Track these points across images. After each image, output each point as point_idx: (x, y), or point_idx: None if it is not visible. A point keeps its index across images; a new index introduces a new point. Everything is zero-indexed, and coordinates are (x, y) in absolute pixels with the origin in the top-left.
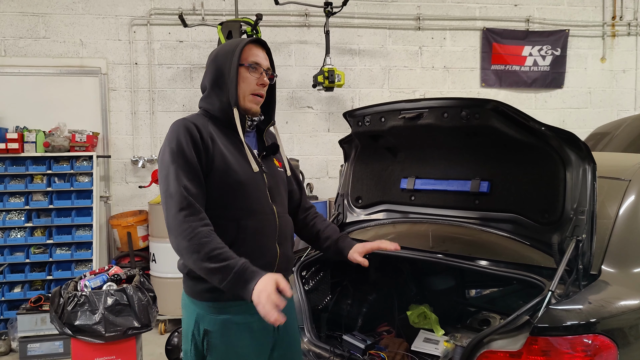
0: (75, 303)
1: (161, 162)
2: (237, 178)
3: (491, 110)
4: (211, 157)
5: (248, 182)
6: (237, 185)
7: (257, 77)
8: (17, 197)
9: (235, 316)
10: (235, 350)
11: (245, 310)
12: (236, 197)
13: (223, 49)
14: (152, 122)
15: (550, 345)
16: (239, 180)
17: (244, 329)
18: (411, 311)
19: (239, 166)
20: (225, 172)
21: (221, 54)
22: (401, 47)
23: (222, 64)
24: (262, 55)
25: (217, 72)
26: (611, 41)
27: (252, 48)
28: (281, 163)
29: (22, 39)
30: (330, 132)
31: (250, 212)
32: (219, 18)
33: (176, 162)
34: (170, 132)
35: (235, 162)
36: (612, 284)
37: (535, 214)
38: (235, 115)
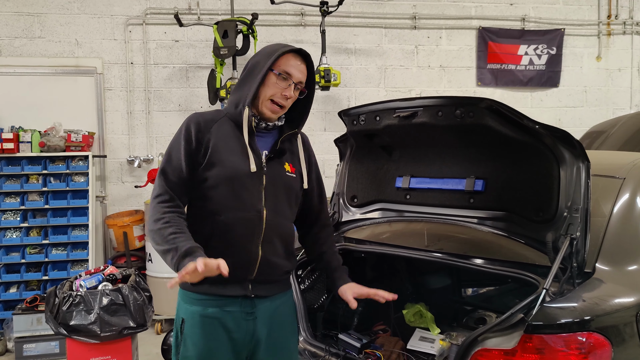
0: (70, 303)
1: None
2: (225, 174)
3: (485, 109)
4: (205, 151)
5: (237, 179)
6: (223, 181)
7: (283, 87)
8: (13, 197)
9: (208, 309)
10: (208, 343)
11: (215, 305)
12: (220, 192)
13: (265, 50)
14: (148, 122)
15: (545, 343)
16: (226, 175)
17: (217, 324)
18: (407, 310)
19: (232, 163)
20: (215, 166)
21: (261, 55)
22: (397, 46)
23: (256, 64)
24: (300, 67)
25: (249, 70)
26: (607, 40)
27: (291, 58)
28: (294, 169)
29: (18, 38)
30: (327, 132)
31: (230, 208)
32: (215, 17)
33: (167, 154)
34: (181, 125)
35: (231, 158)
36: (607, 281)
37: (529, 212)
38: (244, 115)
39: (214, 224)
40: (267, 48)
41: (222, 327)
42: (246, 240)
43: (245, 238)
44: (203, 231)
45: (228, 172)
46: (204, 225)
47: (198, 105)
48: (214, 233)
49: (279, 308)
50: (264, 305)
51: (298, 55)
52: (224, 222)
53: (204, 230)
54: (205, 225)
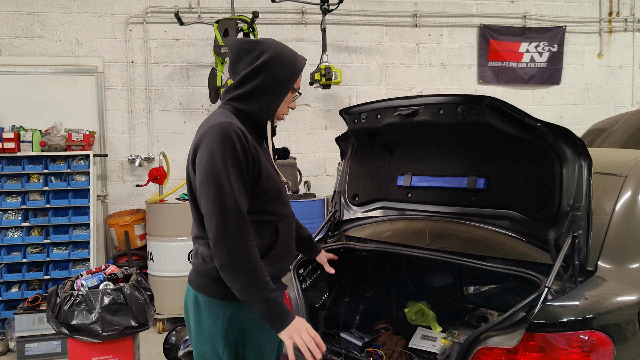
0: (71, 302)
1: (214, 168)
2: (277, 185)
3: (487, 107)
4: (257, 165)
5: (280, 189)
6: (277, 192)
7: (292, 100)
8: (14, 197)
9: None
10: (263, 344)
11: None
12: (275, 203)
13: (284, 59)
14: (149, 121)
15: (547, 342)
16: (278, 187)
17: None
18: (409, 308)
19: (274, 173)
20: (268, 180)
21: (282, 64)
22: (398, 44)
23: (279, 76)
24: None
25: (272, 81)
26: (608, 37)
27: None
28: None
29: (18, 38)
30: (328, 130)
31: (284, 216)
32: (215, 16)
33: (230, 173)
34: (218, 137)
35: (270, 170)
36: (609, 279)
37: (531, 210)
38: (268, 129)
39: (277, 233)
40: (283, 55)
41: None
42: (292, 242)
43: (292, 240)
44: (265, 242)
45: (275, 184)
46: (267, 234)
47: (199, 103)
48: (277, 241)
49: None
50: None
51: None
52: (283, 230)
53: (268, 239)
54: (269, 235)
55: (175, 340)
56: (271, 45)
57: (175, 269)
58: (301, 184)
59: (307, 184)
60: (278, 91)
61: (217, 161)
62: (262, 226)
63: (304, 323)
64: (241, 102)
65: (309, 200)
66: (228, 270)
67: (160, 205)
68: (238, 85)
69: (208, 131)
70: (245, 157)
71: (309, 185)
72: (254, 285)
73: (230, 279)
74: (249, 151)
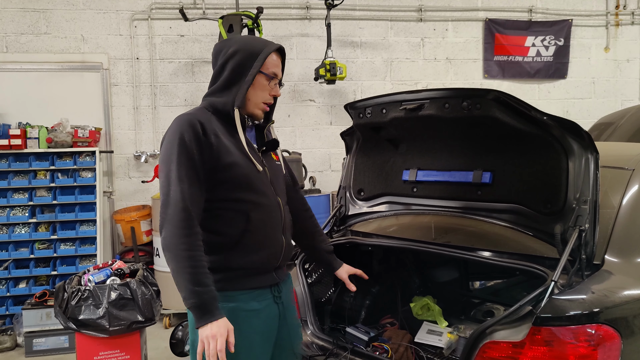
0: (79, 298)
1: (164, 157)
2: (244, 172)
3: (493, 101)
4: (216, 154)
5: (251, 176)
6: (245, 179)
7: (271, 88)
8: (21, 193)
9: (244, 304)
10: (244, 336)
11: (253, 298)
12: (244, 191)
13: (247, 48)
14: (155, 117)
15: (553, 336)
16: (245, 174)
17: (252, 316)
18: (414, 303)
19: (243, 161)
20: (231, 167)
21: (244, 53)
22: (403, 39)
23: (242, 64)
24: (279, 64)
25: (235, 70)
26: (615, 30)
27: (274, 57)
28: (278, 157)
29: (24, 35)
30: (333, 125)
31: (257, 204)
32: (220, 12)
33: (178, 160)
34: (174, 127)
35: (240, 157)
36: (616, 273)
37: (537, 204)
38: (235, 117)
39: (247, 221)
40: (243, 46)
41: (257, 318)
42: (276, 231)
43: (275, 229)
44: (232, 231)
45: (245, 171)
46: (235, 224)
47: None
48: (248, 229)
49: (289, 288)
50: (285, 288)
51: (278, 52)
52: (256, 218)
53: (236, 229)
54: (236, 224)
55: (182, 335)
56: (237, 39)
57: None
58: (306, 179)
59: (312, 180)
60: (242, 78)
61: (168, 151)
62: (230, 214)
63: (223, 329)
64: (213, 96)
65: (314, 195)
66: (164, 253)
67: None
68: (212, 82)
69: (170, 124)
70: (198, 146)
71: (314, 181)
72: (179, 273)
73: (167, 261)
74: (205, 140)
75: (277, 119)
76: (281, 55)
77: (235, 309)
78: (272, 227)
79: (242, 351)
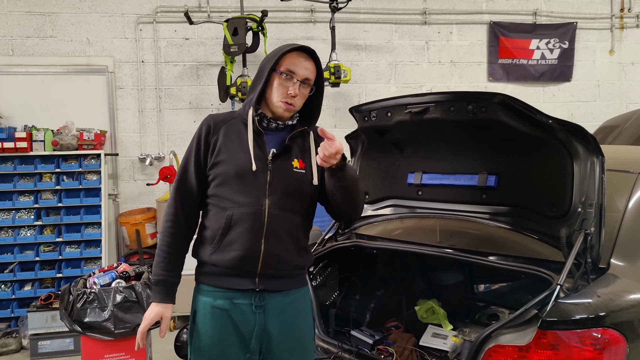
0: (84, 300)
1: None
2: (231, 172)
3: (498, 104)
4: (214, 152)
5: (242, 176)
6: (230, 179)
7: (289, 86)
8: (27, 196)
9: (218, 300)
10: (218, 334)
11: (228, 297)
12: (227, 189)
13: (273, 51)
14: (159, 120)
15: (559, 339)
16: (231, 173)
17: (221, 315)
18: (419, 306)
19: (237, 161)
20: (219, 164)
21: (269, 56)
22: (407, 42)
23: (262, 66)
24: (305, 65)
25: (257, 74)
26: (620, 33)
27: (295, 56)
28: (304, 164)
29: (30, 38)
30: (337, 128)
31: (239, 204)
32: (225, 15)
33: (186, 156)
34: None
35: (237, 156)
36: (621, 277)
37: (543, 208)
38: (249, 115)
39: (223, 220)
40: (275, 49)
41: (231, 318)
42: (251, 235)
43: (249, 233)
44: (214, 226)
45: (233, 169)
46: (215, 220)
47: (209, 102)
48: (223, 227)
49: (292, 304)
50: (275, 300)
51: (303, 52)
52: (231, 217)
53: (215, 225)
54: (216, 221)
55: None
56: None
57: (186, 267)
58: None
59: None
60: (259, 78)
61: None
62: (215, 210)
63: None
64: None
65: None
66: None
67: None
68: None
69: None
70: (205, 142)
71: None
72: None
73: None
74: (209, 136)
75: None
76: (311, 57)
77: (205, 303)
78: (249, 230)
79: (204, 345)
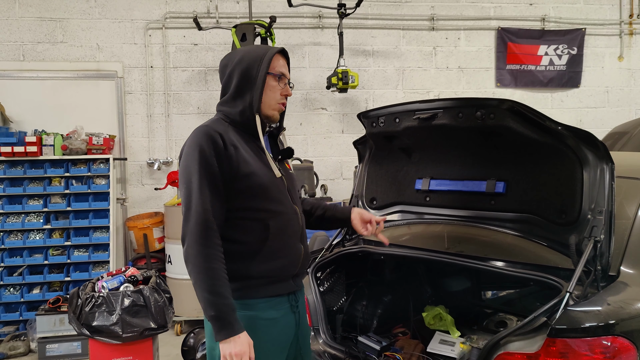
0: (93, 304)
1: (184, 170)
2: (261, 182)
3: (507, 110)
4: (235, 165)
5: (271, 185)
6: (262, 189)
7: (282, 88)
8: (36, 200)
9: (263, 312)
10: (261, 344)
11: (272, 306)
12: (262, 200)
13: (250, 55)
14: (168, 125)
15: (569, 347)
16: (262, 184)
17: (270, 325)
18: (427, 312)
19: (261, 171)
20: (249, 177)
21: (249, 59)
22: (415, 47)
23: (249, 70)
24: (286, 66)
25: (243, 77)
26: (629, 39)
27: (279, 58)
28: (290, 165)
29: (40, 43)
30: (345, 134)
31: (275, 213)
32: (233, 21)
33: (199, 173)
34: (193, 140)
35: (258, 167)
36: (632, 285)
37: (552, 215)
38: (257, 122)
39: (265, 230)
40: (247, 54)
41: (274, 326)
42: (292, 240)
43: (293, 237)
44: (252, 239)
45: (260, 180)
46: (251, 232)
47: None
48: (265, 237)
49: (303, 296)
50: (301, 296)
51: (282, 54)
52: (274, 227)
53: (253, 237)
54: (253, 233)
55: (194, 342)
56: (240, 50)
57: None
58: (318, 187)
59: (323, 188)
60: (253, 82)
61: (188, 162)
62: (249, 223)
63: (241, 347)
64: (227, 106)
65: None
66: (186, 265)
67: (178, 208)
68: (222, 93)
69: (189, 137)
70: (218, 156)
71: (326, 189)
72: (199, 284)
73: (189, 272)
74: (225, 151)
75: (288, 127)
76: (285, 57)
77: (254, 318)
78: (290, 235)
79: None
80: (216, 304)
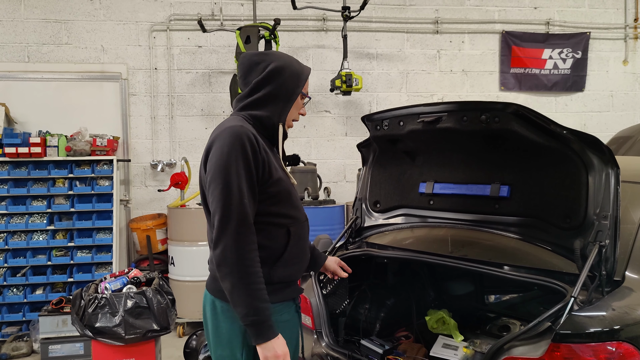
0: (95, 305)
1: (223, 170)
2: (287, 188)
3: (512, 114)
4: (267, 170)
5: (292, 192)
6: (287, 195)
7: (302, 106)
8: (40, 201)
9: (280, 315)
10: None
11: (285, 309)
12: (285, 206)
13: (291, 68)
14: (171, 127)
15: (573, 353)
16: (288, 189)
17: (285, 327)
18: (430, 316)
19: (284, 177)
20: (278, 182)
21: (290, 72)
22: (419, 50)
23: (288, 82)
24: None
25: (281, 87)
26: (633, 43)
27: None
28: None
29: (45, 45)
30: (348, 136)
31: (295, 219)
32: (238, 23)
33: (238, 172)
34: (231, 139)
35: (280, 173)
36: (637, 290)
37: (556, 219)
38: (280, 131)
39: (288, 236)
40: (288, 65)
41: (290, 327)
42: (305, 245)
43: (306, 243)
44: (273, 244)
45: (284, 186)
46: (273, 238)
47: (220, 110)
48: (287, 243)
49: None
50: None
51: None
52: (295, 232)
53: (274, 243)
54: (274, 238)
55: (196, 344)
56: (278, 56)
57: (195, 274)
58: (321, 190)
59: (327, 190)
60: (288, 96)
61: (227, 162)
62: (273, 228)
63: (283, 348)
64: (253, 109)
65: (328, 206)
66: (219, 268)
67: (181, 210)
68: (250, 93)
69: (220, 134)
70: (255, 159)
71: (329, 192)
72: (240, 288)
73: (220, 277)
74: (260, 154)
75: (292, 130)
76: None
77: (275, 321)
78: (305, 240)
79: None
80: (261, 309)
